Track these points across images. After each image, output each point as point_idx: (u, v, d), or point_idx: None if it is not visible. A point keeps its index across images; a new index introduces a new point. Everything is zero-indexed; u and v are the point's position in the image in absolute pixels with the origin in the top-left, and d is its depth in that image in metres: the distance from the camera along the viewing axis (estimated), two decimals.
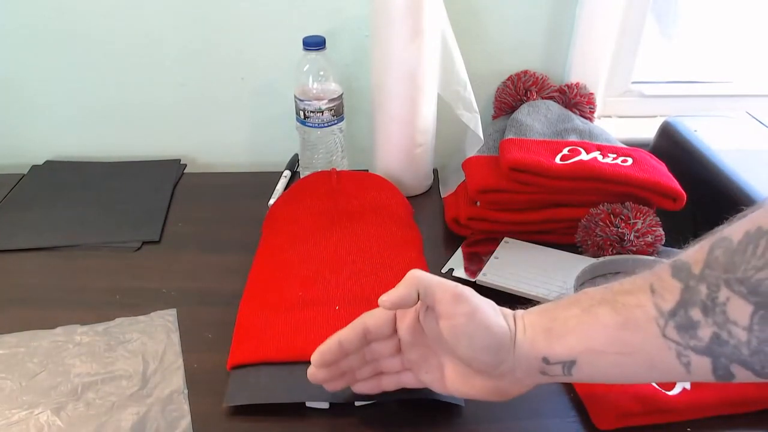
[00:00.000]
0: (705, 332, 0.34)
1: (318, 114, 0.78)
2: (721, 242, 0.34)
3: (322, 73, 0.77)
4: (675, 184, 0.67)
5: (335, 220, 0.69)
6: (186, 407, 0.52)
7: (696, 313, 0.34)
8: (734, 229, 0.34)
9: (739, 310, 0.33)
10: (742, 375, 0.34)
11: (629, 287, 0.37)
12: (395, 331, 0.46)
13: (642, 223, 0.65)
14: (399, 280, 0.44)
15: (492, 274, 0.65)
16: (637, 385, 0.51)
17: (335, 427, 0.51)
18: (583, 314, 0.38)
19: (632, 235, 0.64)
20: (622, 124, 0.94)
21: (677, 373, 0.36)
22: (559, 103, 0.84)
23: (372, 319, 0.45)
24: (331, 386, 0.48)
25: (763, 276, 0.32)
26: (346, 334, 0.46)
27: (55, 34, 0.83)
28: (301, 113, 0.78)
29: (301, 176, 0.83)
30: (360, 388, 0.48)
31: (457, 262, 0.68)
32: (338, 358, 0.46)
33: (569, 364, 0.39)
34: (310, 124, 0.79)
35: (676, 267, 0.36)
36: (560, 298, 0.41)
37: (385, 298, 0.42)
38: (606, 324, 0.37)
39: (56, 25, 0.82)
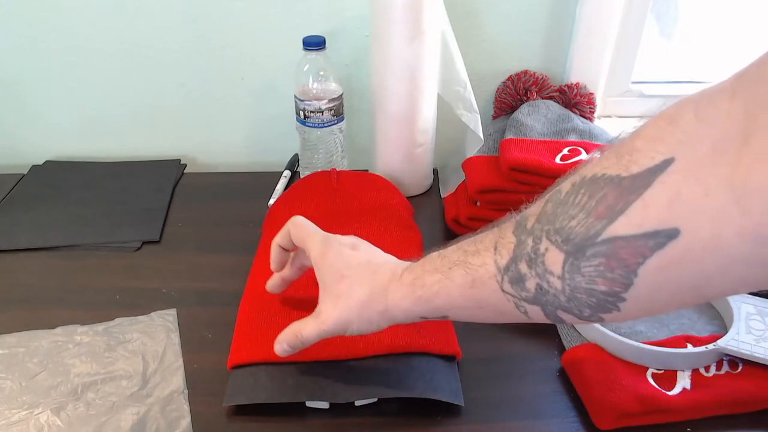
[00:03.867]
0: (531, 284, 0.36)
1: (318, 114, 0.78)
2: (554, 195, 0.36)
3: (322, 73, 0.77)
4: None
5: (335, 220, 0.69)
6: (186, 407, 0.52)
7: (523, 266, 0.36)
8: (566, 182, 0.36)
9: (554, 259, 0.34)
10: (569, 319, 0.36)
11: (479, 246, 0.40)
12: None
13: None
14: None
15: None
16: (637, 385, 0.51)
17: (335, 427, 0.51)
18: (444, 278, 0.42)
19: None
20: (622, 124, 0.94)
21: (521, 318, 0.39)
22: (559, 103, 0.84)
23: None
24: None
25: (574, 224, 0.33)
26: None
27: (56, 34, 0.83)
28: (301, 113, 0.78)
29: (301, 176, 0.83)
30: None
31: None
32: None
33: (442, 317, 0.44)
34: (310, 124, 0.79)
35: (517, 222, 0.38)
36: (427, 260, 0.45)
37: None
38: (460, 285, 0.41)
39: (56, 26, 0.82)
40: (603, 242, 0.32)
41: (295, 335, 0.49)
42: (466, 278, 0.40)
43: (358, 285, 0.46)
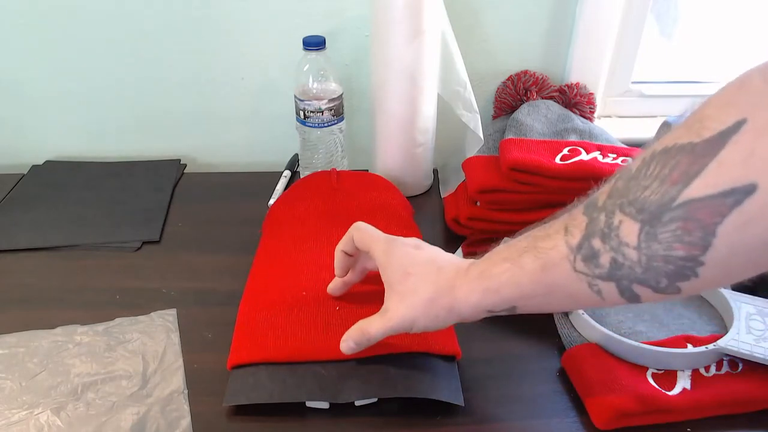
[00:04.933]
0: (605, 259, 0.36)
1: (318, 114, 0.78)
2: (623, 172, 0.37)
3: (322, 73, 0.77)
4: None
5: (335, 220, 0.69)
6: (186, 407, 0.52)
7: (596, 242, 0.36)
8: (635, 159, 0.36)
9: (629, 230, 0.35)
10: (645, 293, 0.36)
11: (548, 231, 0.41)
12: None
13: None
14: None
15: None
16: (637, 385, 0.51)
17: (335, 427, 0.51)
18: (513, 266, 0.42)
19: None
20: (622, 124, 0.94)
21: (594, 300, 0.39)
22: (559, 103, 0.84)
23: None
24: None
25: (648, 193, 0.34)
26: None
27: (55, 34, 0.83)
28: (301, 113, 0.78)
29: (301, 176, 0.83)
30: None
31: None
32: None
33: (511, 308, 0.44)
34: (310, 124, 0.79)
35: (587, 204, 0.39)
36: (493, 252, 0.45)
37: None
38: (530, 271, 0.40)
39: (56, 26, 0.82)
40: (679, 206, 0.32)
41: (361, 332, 0.49)
42: (536, 263, 0.40)
43: (424, 282, 0.46)
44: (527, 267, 0.41)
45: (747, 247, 0.32)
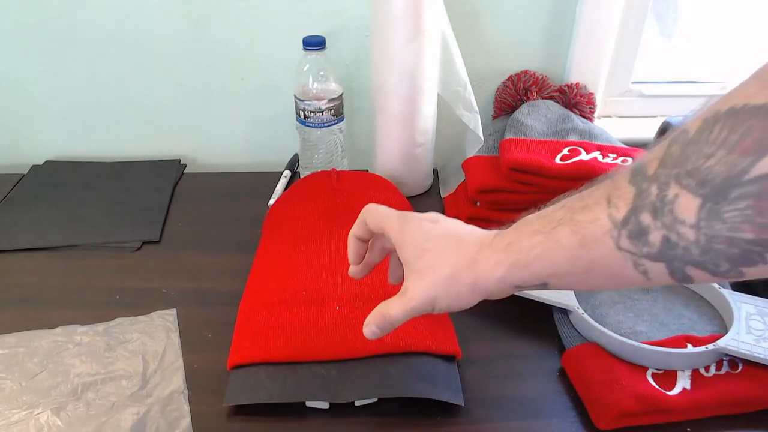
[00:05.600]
0: (655, 237, 0.32)
1: (318, 114, 0.78)
2: (679, 136, 0.32)
3: (322, 73, 0.77)
4: None
5: (335, 220, 0.69)
6: (186, 407, 0.52)
7: (646, 217, 0.32)
8: (693, 120, 0.31)
9: (687, 205, 0.30)
10: (700, 276, 0.32)
11: (588, 201, 0.36)
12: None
13: None
14: None
15: None
16: (637, 385, 0.51)
17: (335, 427, 0.51)
18: (546, 240, 0.37)
19: None
20: (622, 124, 0.94)
21: (638, 280, 0.35)
22: (559, 103, 0.84)
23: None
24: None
25: (712, 163, 0.29)
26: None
27: (55, 34, 0.83)
28: (301, 113, 0.78)
29: (301, 176, 0.83)
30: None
31: None
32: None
33: (540, 285, 0.40)
34: (310, 124, 0.79)
35: (634, 170, 0.34)
36: (522, 223, 0.41)
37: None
38: (566, 245, 0.36)
39: (56, 25, 0.82)
40: (751, 181, 0.28)
41: (383, 316, 0.45)
42: (573, 238, 0.36)
43: (443, 257, 0.42)
44: (563, 241, 0.36)
45: None
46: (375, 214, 0.48)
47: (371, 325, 0.46)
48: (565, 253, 0.36)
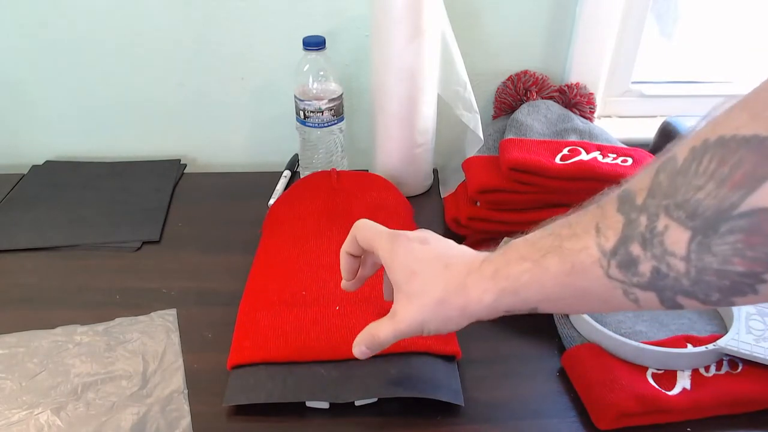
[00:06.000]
0: (645, 267, 0.32)
1: (318, 114, 0.78)
2: (667, 164, 0.31)
3: (322, 73, 0.77)
4: None
5: (335, 220, 0.69)
6: (186, 407, 0.52)
7: (635, 248, 0.32)
8: (681, 147, 0.31)
9: (677, 238, 0.30)
10: (691, 305, 0.32)
11: (576, 230, 0.36)
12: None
13: None
14: None
15: None
16: (637, 385, 0.51)
17: (335, 427, 0.51)
18: (535, 267, 0.38)
19: None
20: (622, 124, 0.94)
21: (629, 306, 0.35)
22: (559, 103, 0.84)
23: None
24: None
25: (702, 196, 0.29)
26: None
27: (55, 34, 0.83)
28: (301, 113, 0.78)
29: (301, 176, 0.83)
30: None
31: None
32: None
33: (530, 310, 0.40)
34: (310, 124, 0.79)
35: (621, 199, 0.34)
36: (509, 248, 0.41)
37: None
38: (555, 273, 0.37)
39: (56, 25, 0.82)
40: (742, 215, 0.28)
41: (372, 337, 0.46)
42: (562, 266, 0.36)
43: (432, 282, 0.43)
44: (552, 269, 0.37)
45: None
46: (365, 231, 0.48)
47: (361, 345, 0.47)
48: (554, 280, 0.37)
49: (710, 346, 0.53)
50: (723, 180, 0.28)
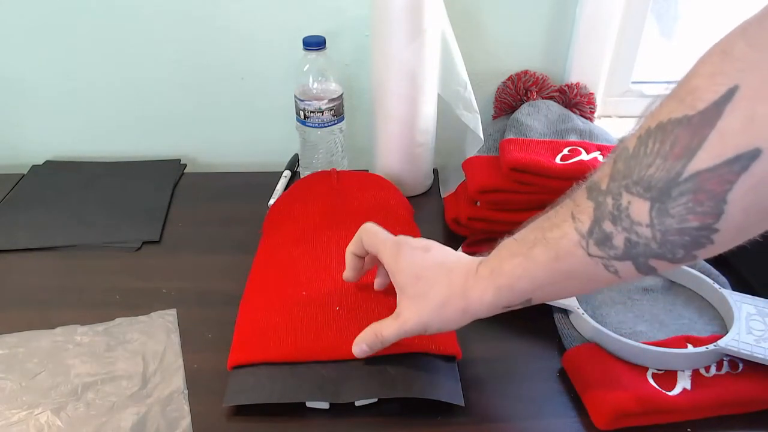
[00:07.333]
0: (618, 240, 0.37)
1: (318, 114, 0.78)
2: (621, 153, 0.37)
3: (322, 73, 0.77)
4: None
5: (335, 220, 0.69)
6: (186, 407, 0.52)
7: (608, 225, 0.37)
8: (630, 139, 0.37)
9: (640, 209, 0.35)
10: (661, 266, 0.37)
11: (555, 221, 0.41)
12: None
13: None
14: None
15: None
16: (637, 385, 0.51)
17: (335, 427, 0.51)
18: (525, 261, 0.42)
19: None
20: (622, 124, 0.94)
21: (611, 279, 0.40)
22: (559, 103, 0.84)
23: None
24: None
25: (653, 171, 0.34)
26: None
27: (55, 33, 0.83)
28: (301, 113, 0.78)
29: (301, 176, 0.83)
30: None
31: None
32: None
33: (526, 301, 0.45)
34: (310, 124, 0.79)
35: (589, 188, 0.39)
36: (501, 248, 0.45)
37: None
38: (543, 262, 0.41)
39: (56, 25, 0.82)
40: (687, 180, 0.33)
41: (375, 335, 0.50)
42: (548, 254, 0.41)
43: (435, 286, 0.47)
44: (540, 258, 0.41)
45: (759, 207, 0.32)
46: (371, 236, 0.53)
47: (362, 344, 0.50)
48: (543, 268, 0.41)
49: (710, 347, 0.53)
50: (666, 155, 0.34)
